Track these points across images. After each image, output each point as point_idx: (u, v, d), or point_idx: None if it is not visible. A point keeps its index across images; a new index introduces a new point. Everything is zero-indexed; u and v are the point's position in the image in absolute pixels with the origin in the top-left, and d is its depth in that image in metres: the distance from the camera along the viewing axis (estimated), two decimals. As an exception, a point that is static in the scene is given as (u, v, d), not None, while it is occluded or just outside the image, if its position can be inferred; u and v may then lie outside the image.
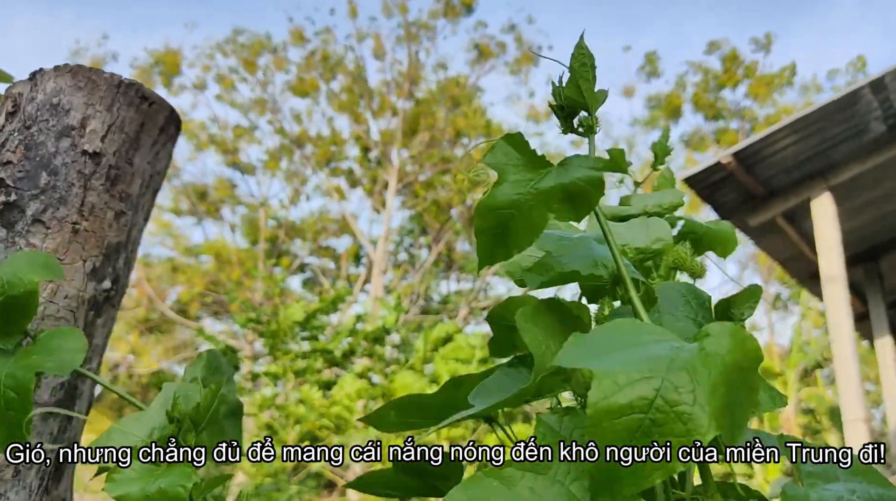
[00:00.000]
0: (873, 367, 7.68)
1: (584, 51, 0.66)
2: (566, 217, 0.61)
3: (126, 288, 1.00)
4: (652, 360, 0.48)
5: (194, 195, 17.03)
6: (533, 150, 0.65)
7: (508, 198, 0.61)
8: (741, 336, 0.51)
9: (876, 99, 4.66)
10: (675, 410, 0.46)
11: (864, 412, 4.71)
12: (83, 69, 0.95)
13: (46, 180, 0.90)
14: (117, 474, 0.75)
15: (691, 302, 0.72)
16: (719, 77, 17.63)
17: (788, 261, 6.27)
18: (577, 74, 0.66)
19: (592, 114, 0.69)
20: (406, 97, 16.69)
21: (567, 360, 0.51)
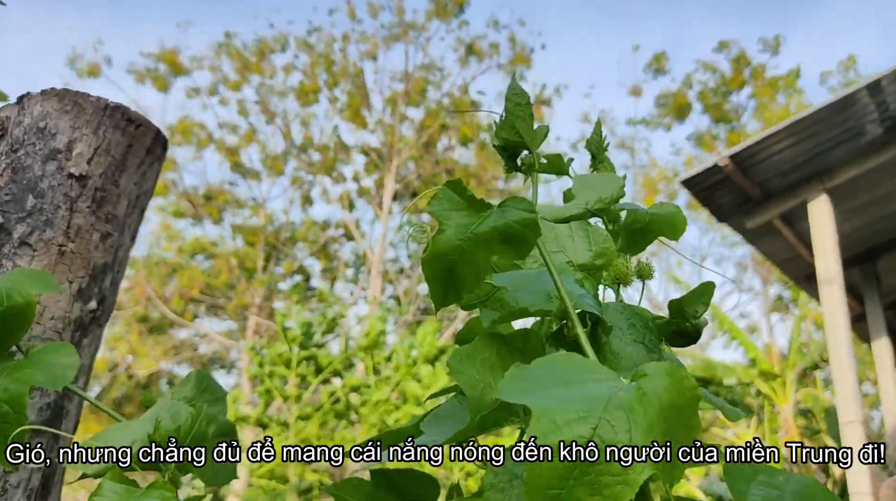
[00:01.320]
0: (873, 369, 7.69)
1: (517, 91, 0.68)
2: (508, 257, 0.63)
3: (113, 308, 1.01)
4: (590, 399, 0.49)
5: (196, 198, 17.04)
6: (472, 195, 0.66)
7: (450, 244, 0.63)
8: (678, 375, 0.51)
9: (872, 101, 4.67)
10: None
11: (860, 414, 4.71)
12: (70, 93, 0.96)
13: (33, 203, 0.92)
14: (97, 496, 0.76)
15: (636, 324, 0.72)
16: (726, 78, 17.62)
17: (786, 263, 6.28)
18: (512, 115, 0.67)
19: (533, 152, 0.70)
20: (404, 100, 16.69)
21: (507, 394, 0.52)
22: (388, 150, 16.61)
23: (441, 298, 0.65)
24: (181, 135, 16.78)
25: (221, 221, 17.41)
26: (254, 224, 17.30)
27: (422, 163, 16.84)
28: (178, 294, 16.15)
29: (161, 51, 17.01)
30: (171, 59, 16.95)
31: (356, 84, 16.91)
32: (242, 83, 17.32)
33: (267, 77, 17.37)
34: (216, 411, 0.94)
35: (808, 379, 10.29)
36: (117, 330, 16.44)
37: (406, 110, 16.89)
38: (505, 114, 0.68)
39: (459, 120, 16.68)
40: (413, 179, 16.77)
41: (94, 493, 0.76)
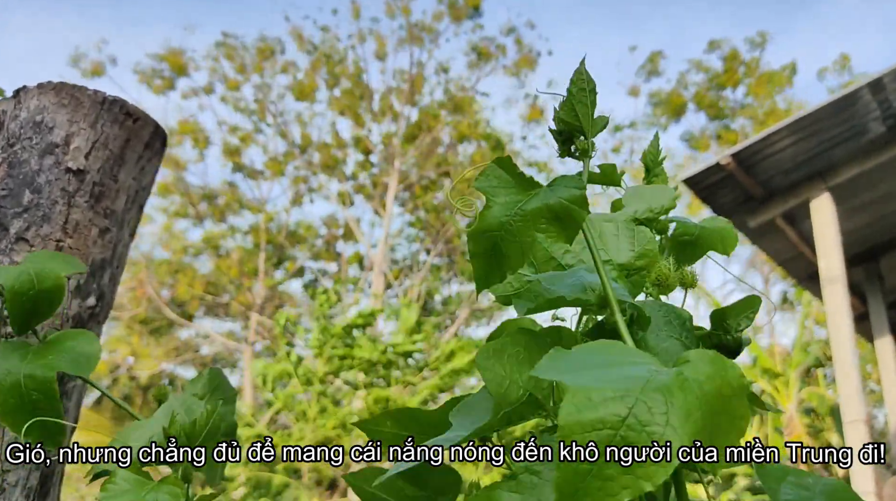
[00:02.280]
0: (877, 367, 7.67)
1: (583, 76, 0.67)
2: (554, 237, 0.62)
3: (112, 305, 1.00)
4: (628, 379, 0.49)
5: (199, 199, 17.05)
6: (521, 173, 0.66)
7: (497, 220, 0.62)
8: (722, 364, 0.51)
9: (875, 99, 4.66)
10: (646, 430, 0.46)
11: (864, 413, 4.70)
12: (67, 86, 0.95)
13: (30, 198, 0.90)
14: (111, 484, 0.76)
15: (673, 322, 0.72)
16: (720, 76, 17.62)
17: (788, 262, 6.26)
18: (574, 99, 0.67)
19: (589, 138, 0.69)
20: (407, 100, 16.70)
21: (543, 371, 0.51)
22: (390, 149, 16.62)
23: (484, 277, 0.64)
24: (183, 135, 16.80)
25: (223, 221, 17.43)
26: (255, 223, 17.32)
27: (424, 164, 16.84)
28: (184, 288, 16.18)
29: (167, 50, 17.03)
30: (175, 60, 16.97)
31: (358, 83, 16.92)
32: (242, 83, 17.34)
33: (267, 76, 17.39)
34: (226, 410, 0.94)
35: (812, 378, 10.27)
36: (117, 331, 16.46)
37: (410, 111, 16.91)
38: (567, 97, 0.67)
39: (463, 119, 16.68)
40: (415, 179, 16.77)
41: (107, 481, 0.76)
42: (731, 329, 0.74)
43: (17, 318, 0.80)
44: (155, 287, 16.16)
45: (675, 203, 0.80)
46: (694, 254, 0.81)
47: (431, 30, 16.85)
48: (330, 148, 16.99)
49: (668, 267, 0.79)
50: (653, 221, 0.77)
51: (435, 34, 16.87)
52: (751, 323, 0.75)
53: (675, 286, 0.80)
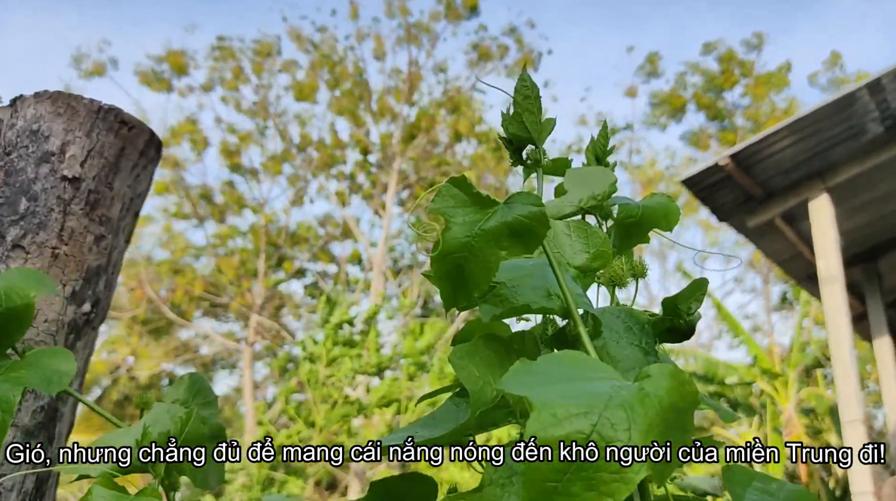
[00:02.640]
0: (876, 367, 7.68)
1: (526, 83, 0.68)
2: (517, 252, 0.62)
3: (107, 311, 1.01)
4: (591, 396, 0.49)
5: (198, 199, 17.07)
6: (477, 192, 0.66)
7: (458, 241, 0.63)
8: (680, 378, 0.52)
9: (873, 100, 4.66)
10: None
11: (862, 413, 4.70)
12: (63, 95, 0.96)
13: (26, 206, 0.91)
14: None
15: (633, 328, 0.72)
16: (717, 78, 17.63)
17: (787, 262, 6.27)
18: (521, 108, 0.67)
19: (539, 146, 0.70)
20: (406, 100, 16.70)
21: (510, 385, 0.52)
22: (389, 150, 16.62)
23: (451, 297, 0.65)
24: (182, 136, 16.81)
25: (223, 222, 17.44)
26: (255, 223, 17.33)
27: (423, 164, 16.84)
28: (182, 291, 16.18)
29: (167, 52, 17.04)
30: (175, 60, 16.97)
31: (357, 83, 16.92)
32: (241, 83, 17.34)
33: (266, 77, 17.40)
34: (209, 413, 0.94)
35: (811, 378, 10.27)
36: (117, 332, 16.48)
37: (409, 110, 16.91)
38: (513, 107, 0.68)
39: (462, 118, 16.69)
40: (414, 180, 16.78)
41: (83, 498, 0.76)
42: (682, 313, 0.75)
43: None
44: (155, 287, 16.18)
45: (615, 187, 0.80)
46: (639, 234, 0.81)
47: (430, 30, 16.86)
48: (329, 148, 17.00)
49: (621, 266, 0.81)
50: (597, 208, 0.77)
51: (433, 34, 16.88)
52: (700, 304, 0.76)
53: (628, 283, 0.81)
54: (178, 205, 17.08)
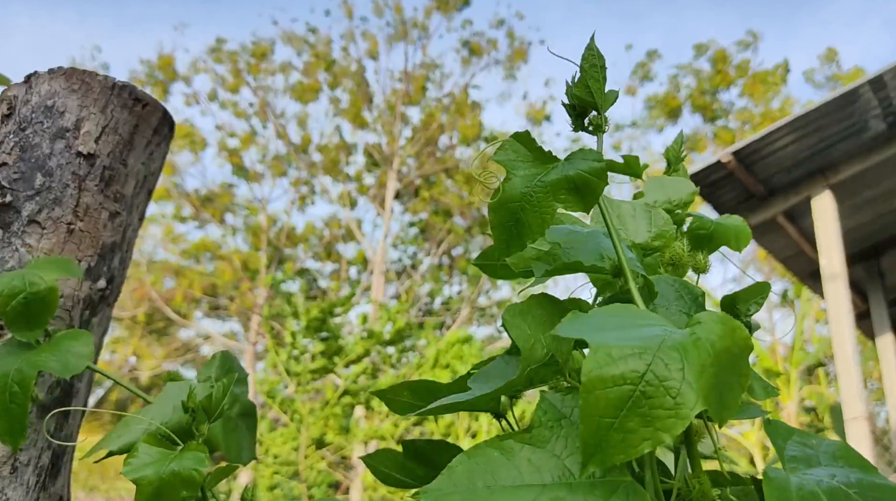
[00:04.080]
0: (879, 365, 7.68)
1: (593, 52, 0.69)
2: (573, 207, 0.64)
3: (121, 288, 1.01)
4: (645, 338, 0.51)
5: (198, 201, 17.07)
6: (539, 147, 0.68)
7: (518, 191, 0.65)
8: (731, 324, 0.53)
9: (875, 97, 4.67)
10: (664, 385, 0.48)
11: (865, 410, 4.70)
12: (77, 71, 0.97)
13: (41, 181, 0.92)
14: (133, 458, 0.77)
15: (685, 297, 0.74)
16: (712, 78, 17.65)
17: (789, 260, 6.27)
18: (587, 75, 0.69)
19: (602, 113, 0.71)
20: (404, 100, 16.71)
21: (566, 330, 0.54)
22: (389, 150, 16.63)
23: (505, 246, 0.66)
24: (181, 139, 16.80)
25: (224, 223, 17.45)
26: (256, 225, 17.33)
27: (423, 163, 16.85)
28: (182, 295, 16.19)
29: (159, 56, 17.04)
30: (168, 64, 16.98)
31: (357, 83, 16.92)
32: (240, 85, 17.34)
33: (265, 78, 17.40)
34: (240, 390, 0.95)
35: (814, 375, 10.27)
36: (118, 332, 16.49)
37: (406, 109, 16.91)
38: (580, 73, 0.69)
39: (460, 119, 16.69)
40: (414, 179, 16.78)
41: (129, 455, 0.77)
42: (741, 313, 0.76)
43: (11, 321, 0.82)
44: (156, 288, 16.18)
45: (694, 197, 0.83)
46: (709, 248, 0.83)
47: (424, 27, 16.86)
48: (330, 149, 17.01)
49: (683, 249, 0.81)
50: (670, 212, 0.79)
51: (426, 31, 16.88)
52: (760, 307, 0.77)
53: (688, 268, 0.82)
54: (178, 208, 17.09)
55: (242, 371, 0.96)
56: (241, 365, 0.97)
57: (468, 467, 0.57)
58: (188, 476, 0.73)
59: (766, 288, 0.77)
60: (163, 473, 0.73)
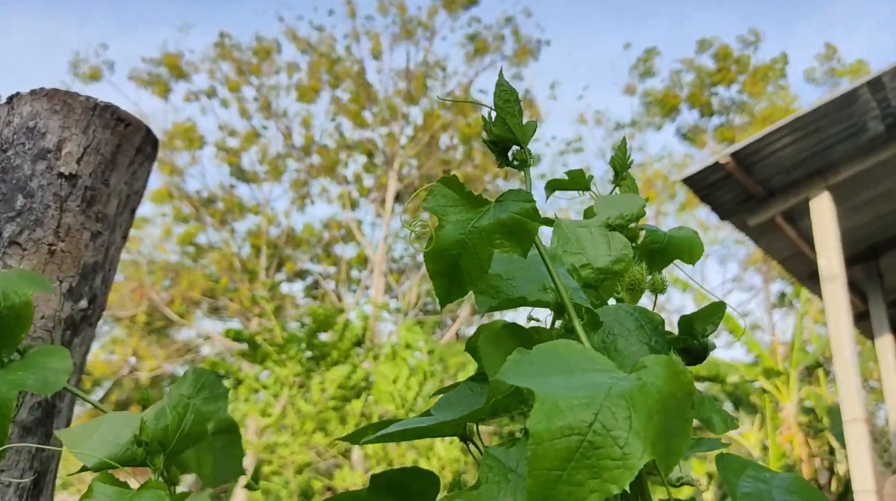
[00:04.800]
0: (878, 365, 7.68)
1: (504, 87, 0.69)
2: (510, 250, 0.64)
3: (104, 307, 1.01)
4: (592, 386, 0.51)
5: (199, 202, 17.08)
6: (468, 191, 0.68)
7: (452, 239, 0.65)
8: (675, 369, 0.53)
9: (874, 98, 4.66)
10: (611, 434, 0.48)
11: (863, 412, 4.70)
12: (59, 92, 0.97)
13: (23, 202, 0.92)
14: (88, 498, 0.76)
15: (644, 326, 0.73)
16: (713, 75, 17.62)
17: (788, 261, 6.27)
18: (502, 112, 0.69)
19: (524, 147, 0.71)
20: (405, 99, 16.70)
21: (509, 376, 0.53)
22: (389, 150, 16.62)
23: (446, 294, 0.66)
24: (181, 139, 16.81)
25: (223, 224, 17.45)
26: (255, 226, 17.34)
27: (423, 163, 16.84)
28: (180, 297, 16.21)
29: (163, 55, 17.05)
30: (172, 62, 16.99)
31: (358, 83, 16.92)
32: (242, 84, 17.34)
33: (267, 77, 17.40)
34: (215, 407, 0.94)
35: (814, 376, 10.27)
36: (118, 333, 16.51)
37: (408, 109, 16.91)
38: (495, 111, 0.69)
39: (462, 118, 16.69)
40: (415, 179, 16.78)
41: (84, 495, 0.76)
42: (697, 333, 0.76)
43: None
44: (156, 289, 16.20)
45: (644, 211, 0.82)
46: (663, 261, 0.83)
47: (428, 26, 16.85)
48: (331, 149, 17.01)
49: (641, 272, 0.81)
50: (624, 228, 0.79)
51: (431, 30, 16.86)
52: (716, 328, 0.77)
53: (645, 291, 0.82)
54: (177, 209, 17.09)
55: (219, 387, 0.95)
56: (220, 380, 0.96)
57: None
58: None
59: (721, 309, 0.77)
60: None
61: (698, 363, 0.76)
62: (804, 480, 0.65)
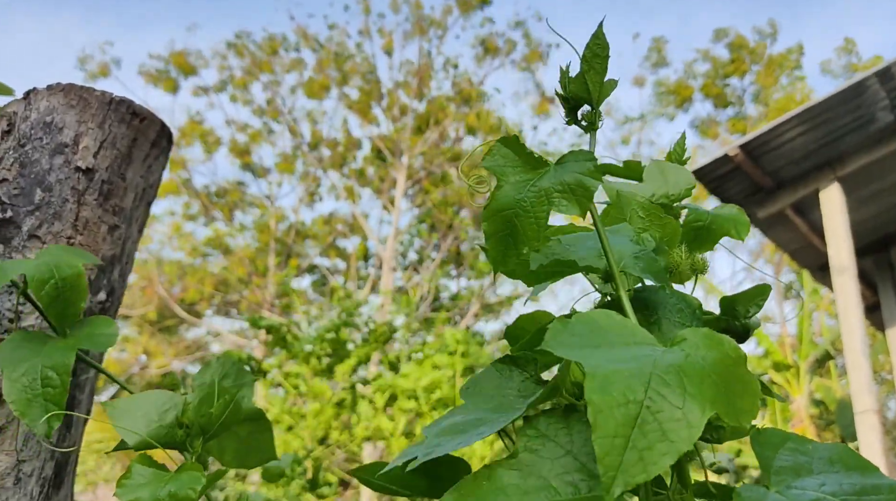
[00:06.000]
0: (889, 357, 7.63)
1: (599, 41, 0.67)
2: (569, 211, 0.63)
3: (122, 300, 1.02)
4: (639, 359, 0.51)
5: (206, 198, 17.13)
6: (529, 151, 0.67)
7: (511, 199, 0.63)
8: (716, 338, 0.54)
9: (883, 88, 4.63)
10: (667, 399, 0.48)
11: (875, 403, 4.68)
12: (75, 87, 0.98)
13: (41, 196, 0.93)
14: (127, 479, 0.76)
15: (684, 310, 0.73)
16: (726, 66, 17.50)
17: (798, 253, 6.24)
18: (588, 65, 0.67)
19: (596, 108, 0.69)
20: (416, 95, 16.69)
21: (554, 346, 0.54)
22: (397, 145, 16.63)
23: (502, 255, 0.64)
24: (191, 135, 16.86)
25: (232, 220, 17.51)
26: (264, 221, 17.37)
27: (431, 157, 16.83)
28: (192, 289, 16.28)
29: (171, 52, 17.10)
30: (180, 60, 17.03)
31: (368, 80, 16.92)
32: (251, 81, 17.38)
33: (276, 74, 17.42)
34: (244, 394, 0.95)
35: (824, 368, 10.22)
36: (128, 331, 16.58)
37: (418, 105, 16.89)
38: (582, 64, 0.67)
39: (469, 111, 16.66)
40: (422, 174, 16.77)
41: (123, 476, 0.76)
42: (739, 315, 0.76)
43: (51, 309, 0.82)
44: (165, 286, 16.27)
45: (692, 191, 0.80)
46: (708, 240, 0.81)
47: (440, 24, 16.82)
48: (339, 144, 17.02)
49: (681, 255, 0.81)
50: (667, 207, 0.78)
51: (443, 29, 16.84)
52: (759, 309, 0.77)
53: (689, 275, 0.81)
54: (186, 205, 17.16)
55: (245, 374, 0.95)
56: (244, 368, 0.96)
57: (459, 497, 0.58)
58: (185, 496, 0.73)
59: (766, 290, 0.76)
60: (159, 495, 0.73)
61: (741, 343, 0.75)
62: (849, 449, 0.63)
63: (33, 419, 0.77)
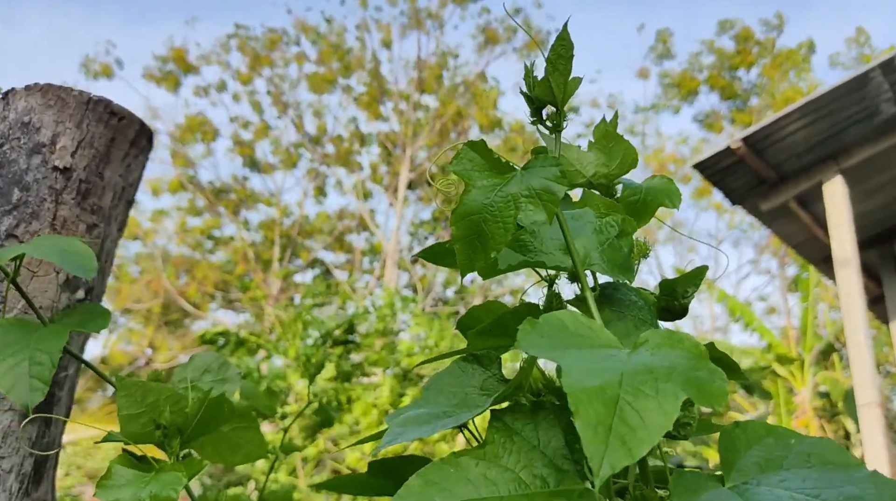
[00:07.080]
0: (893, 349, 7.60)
1: (564, 42, 0.68)
2: (535, 217, 0.64)
3: (101, 298, 1.03)
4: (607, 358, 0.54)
5: (211, 195, 17.16)
6: (496, 156, 0.67)
7: (479, 203, 0.65)
8: (676, 336, 0.56)
9: (886, 80, 4.60)
10: (641, 389, 0.50)
11: (878, 395, 4.67)
12: (53, 87, 0.98)
13: (19, 196, 0.93)
14: (107, 480, 0.76)
15: (643, 306, 0.75)
16: (732, 58, 17.38)
17: (802, 245, 6.21)
18: (552, 67, 0.68)
19: (561, 109, 0.70)
20: (417, 88, 16.66)
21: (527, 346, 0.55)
22: (402, 139, 16.61)
23: (468, 259, 0.66)
24: (193, 132, 16.86)
25: (237, 215, 17.54)
26: (269, 216, 17.41)
27: (436, 151, 16.82)
28: (196, 286, 16.33)
29: (171, 50, 17.09)
30: (180, 56, 17.03)
31: (371, 73, 16.89)
32: (253, 76, 17.37)
33: (279, 68, 17.41)
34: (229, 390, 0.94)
35: (829, 360, 10.19)
36: (134, 324, 16.67)
37: (420, 98, 16.86)
38: (546, 65, 0.68)
39: (472, 105, 16.63)
40: (428, 168, 16.76)
41: (103, 477, 0.76)
42: (679, 295, 0.79)
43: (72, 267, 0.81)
44: (171, 280, 16.33)
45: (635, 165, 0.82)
46: (645, 213, 0.83)
47: (437, 16, 16.77)
48: (343, 139, 17.02)
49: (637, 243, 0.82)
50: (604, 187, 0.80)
51: (440, 20, 16.79)
52: (696, 289, 0.79)
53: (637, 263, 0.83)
54: (191, 201, 17.20)
55: (227, 369, 0.95)
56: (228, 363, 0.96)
57: (424, 482, 0.58)
58: (166, 497, 0.72)
59: (702, 272, 0.79)
60: (140, 496, 0.73)
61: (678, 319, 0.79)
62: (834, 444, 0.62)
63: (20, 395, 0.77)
